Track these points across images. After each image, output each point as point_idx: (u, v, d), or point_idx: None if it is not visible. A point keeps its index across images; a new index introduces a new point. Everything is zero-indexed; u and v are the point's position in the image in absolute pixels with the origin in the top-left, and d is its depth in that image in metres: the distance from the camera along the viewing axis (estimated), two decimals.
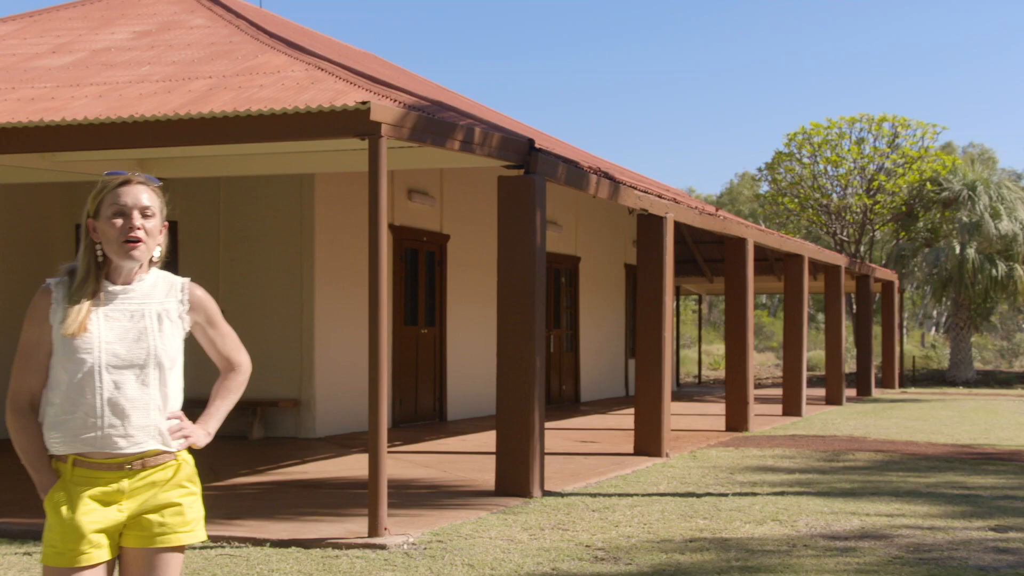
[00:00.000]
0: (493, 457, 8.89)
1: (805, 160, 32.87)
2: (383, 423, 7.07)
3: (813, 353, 36.38)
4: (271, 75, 9.42)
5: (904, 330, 35.08)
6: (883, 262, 33.02)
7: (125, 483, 3.03)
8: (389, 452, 9.42)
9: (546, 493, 8.69)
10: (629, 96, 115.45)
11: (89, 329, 3.02)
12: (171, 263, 3.63)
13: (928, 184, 31.29)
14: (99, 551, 3.00)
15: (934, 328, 49.82)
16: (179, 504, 3.09)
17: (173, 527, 3.07)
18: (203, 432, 3.19)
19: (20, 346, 3.11)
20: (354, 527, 7.06)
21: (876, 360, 26.40)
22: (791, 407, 17.20)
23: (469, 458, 11.23)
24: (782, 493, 8.83)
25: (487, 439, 11.98)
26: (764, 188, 36.81)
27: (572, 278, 20.10)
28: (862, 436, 13.84)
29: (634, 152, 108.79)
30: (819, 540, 6.88)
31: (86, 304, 3.03)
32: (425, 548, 6.55)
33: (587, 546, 6.66)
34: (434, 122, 7.99)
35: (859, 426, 15.34)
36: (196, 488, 3.16)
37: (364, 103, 7.12)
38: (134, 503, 3.04)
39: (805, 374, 17.53)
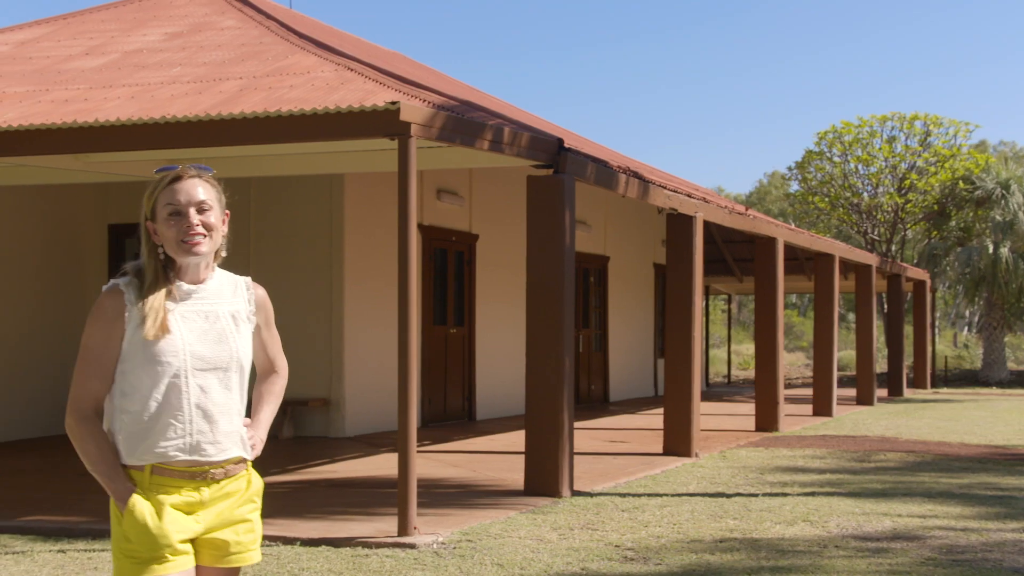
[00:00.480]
0: (522, 457, 8.90)
1: (836, 159, 32.64)
2: (412, 422, 7.08)
3: (844, 353, 36.15)
4: (301, 76, 9.46)
5: (936, 330, 34.80)
6: (915, 261, 32.74)
7: (206, 492, 2.90)
8: (418, 451, 9.44)
9: (575, 493, 8.68)
10: (658, 95, 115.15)
11: (171, 330, 2.87)
12: None
13: (961, 183, 31.01)
14: (186, 558, 2.87)
15: (967, 328, 49.38)
16: (250, 521, 2.98)
17: (246, 545, 2.97)
18: (260, 441, 3.08)
19: (84, 350, 2.91)
20: (384, 526, 7.08)
21: (908, 360, 26.21)
22: (821, 407, 17.10)
23: (498, 458, 11.24)
24: (813, 494, 8.78)
25: (516, 439, 11.98)
26: (794, 187, 36.59)
27: (601, 278, 20.07)
28: (893, 436, 13.74)
29: (663, 151, 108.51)
30: (850, 541, 6.83)
31: (162, 304, 2.88)
32: (454, 548, 6.56)
33: (616, 546, 6.65)
34: (463, 122, 8.00)
35: (890, 426, 15.23)
36: (260, 504, 3.05)
37: (394, 103, 7.14)
38: (210, 514, 2.91)
39: (836, 374, 17.43)
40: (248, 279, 3.07)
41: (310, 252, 13.28)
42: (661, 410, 12.39)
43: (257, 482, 3.02)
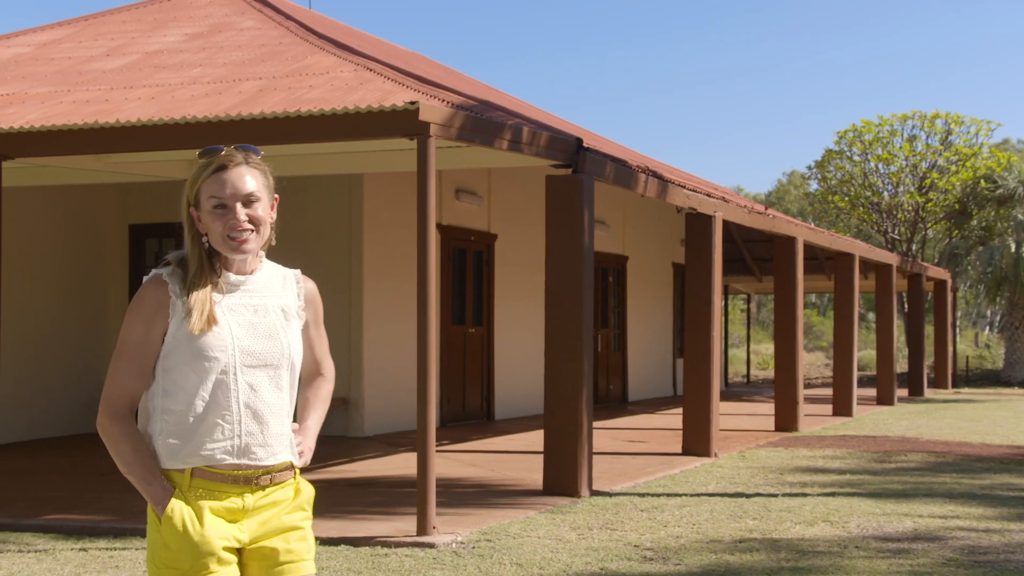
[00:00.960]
0: (541, 456, 8.89)
1: (856, 158, 32.50)
2: (431, 422, 7.09)
3: (864, 353, 35.98)
4: (320, 76, 9.48)
5: (957, 329, 34.61)
6: (936, 261, 32.57)
7: (249, 499, 2.67)
8: (437, 451, 9.45)
9: (594, 493, 8.68)
10: (677, 94, 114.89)
11: (219, 323, 2.65)
12: None
13: (982, 181, 30.83)
14: (230, 569, 2.63)
15: (988, 327, 49.07)
16: (302, 528, 2.73)
17: (299, 554, 2.71)
18: (309, 448, 2.83)
19: (121, 344, 2.69)
20: (403, 525, 7.09)
21: (928, 360, 26.06)
22: (841, 407, 17.03)
23: (517, 457, 11.24)
24: (833, 494, 8.74)
25: (535, 438, 11.97)
26: (814, 186, 36.45)
27: (620, 277, 20.04)
28: (914, 437, 13.67)
29: (682, 151, 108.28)
30: (871, 542, 6.80)
31: (209, 296, 2.66)
32: (474, 547, 6.57)
33: (636, 546, 6.64)
34: (482, 122, 8.00)
35: (911, 426, 15.15)
36: (311, 513, 2.80)
37: (413, 103, 7.15)
38: (254, 523, 2.67)
39: (856, 374, 17.35)
40: (298, 272, 2.86)
41: (329, 252, 13.31)
42: (680, 410, 12.36)
43: (307, 490, 2.79)
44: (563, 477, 8.59)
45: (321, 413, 2.93)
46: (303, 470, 2.82)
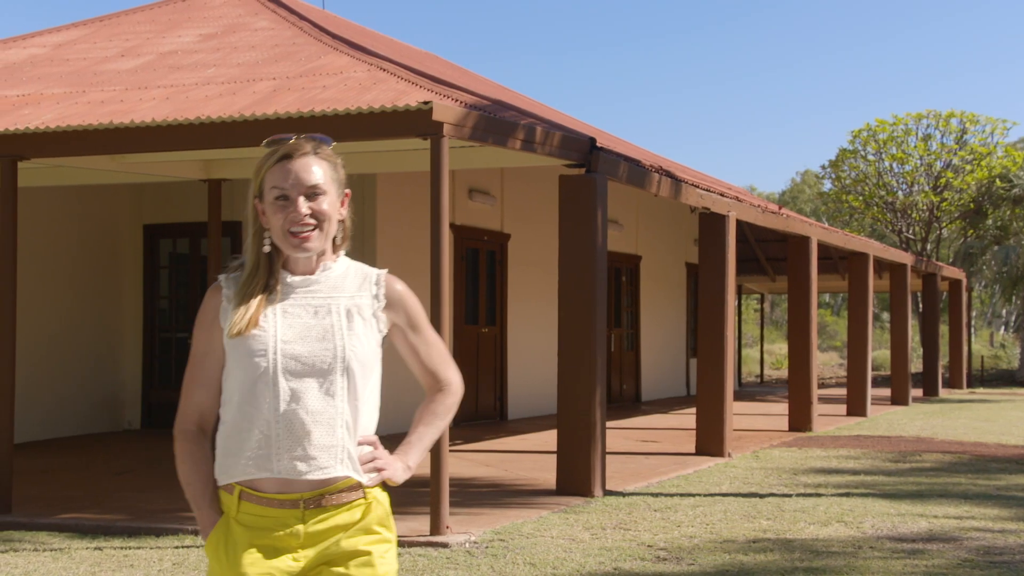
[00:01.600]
0: (554, 456, 8.89)
1: (870, 157, 32.40)
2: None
3: (878, 353, 35.86)
4: (334, 76, 9.50)
5: (972, 329, 34.47)
6: (950, 260, 32.44)
7: (300, 528, 2.42)
8: (450, 451, 9.46)
9: (607, 493, 8.67)
10: (690, 93, 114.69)
11: (262, 326, 2.44)
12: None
13: (997, 180, 30.70)
14: None
15: (1003, 327, 48.85)
16: (368, 553, 2.45)
17: None
18: (401, 465, 2.54)
19: (190, 357, 2.57)
20: (416, 525, 7.09)
21: (943, 360, 25.96)
22: (856, 407, 16.98)
23: (530, 457, 11.24)
24: (847, 494, 8.72)
25: (548, 438, 11.97)
26: (828, 186, 36.34)
27: (633, 277, 20.02)
28: (929, 437, 13.62)
29: (695, 150, 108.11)
30: (886, 542, 6.78)
31: (258, 298, 2.46)
32: (487, 547, 6.57)
33: (649, 546, 6.63)
34: (495, 121, 8.00)
35: (926, 427, 15.09)
36: (391, 535, 2.52)
37: (426, 103, 7.15)
38: (313, 550, 2.43)
39: (870, 374, 17.29)
40: (383, 272, 2.57)
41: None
42: (693, 410, 12.34)
43: (379, 509, 2.50)
44: (576, 477, 8.59)
45: (433, 428, 2.61)
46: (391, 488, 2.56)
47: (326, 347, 2.44)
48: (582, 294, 8.73)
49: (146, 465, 10.48)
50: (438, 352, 2.63)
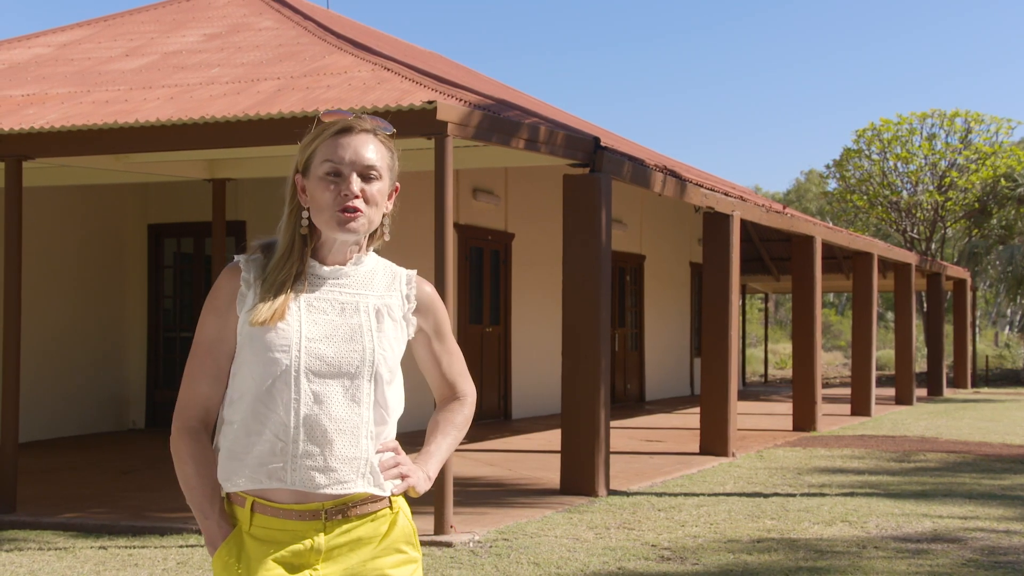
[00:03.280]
0: (558, 456, 8.89)
1: (875, 157, 32.36)
2: None
3: (882, 352, 35.83)
4: (338, 75, 9.50)
5: (977, 329, 34.40)
6: (955, 260, 32.41)
7: (321, 539, 2.20)
8: (455, 450, 9.44)
9: (611, 492, 8.67)
10: (695, 93, 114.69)
11: (287, 319, 2.20)
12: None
13: (1002, 180, 30.66)
14: None
15: (1008, 327, 48.78)
16: None
17: None
18: (423, 475, 2.33)
19: (195, 344, 2.28)
20: (420, 524, 7.08)
21: (947, 360, 25.95)
22: (860, 407, 16.97)
23: (534, 456, 11.24)
24: (851, 494, 8.71)
25: (552, 437, 11.97)
26: (832, 185, 36.32)
27: (637, 276, 20.02)
28: (933, 437, 13.61)
29: (700, 150, 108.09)
30: (890, 542, 6.78)
31: (285, 287, 2.22)
32: (491, 546, 6.57)
33: (653, 546, 6.63)
34: (499, 121, 8.00)
35: (930, 426, 15.08)
36: (416, 553, 2.31)
37: (430, 103, 7.16)
38: (335, 566, 2.21)
39: (874, 373, 17.28)
40: (413, 272, 2.42)
41: None
42: (697, 409, 12.34)
43: (405, 525, 2.29)
44: (580, 476, 8.59)
45: (451, 439, 2.43)
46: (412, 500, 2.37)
47: (354, 348, 2.22)
48: (586, 293, 8.73)
49: (151, 464, 10.49)
50: (459, 363, 2.48)
